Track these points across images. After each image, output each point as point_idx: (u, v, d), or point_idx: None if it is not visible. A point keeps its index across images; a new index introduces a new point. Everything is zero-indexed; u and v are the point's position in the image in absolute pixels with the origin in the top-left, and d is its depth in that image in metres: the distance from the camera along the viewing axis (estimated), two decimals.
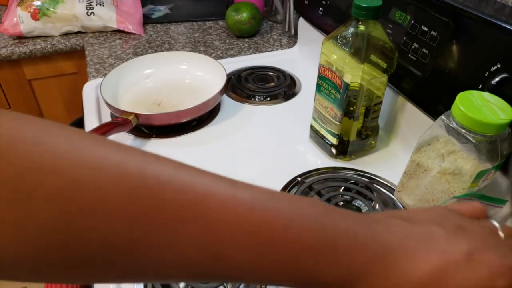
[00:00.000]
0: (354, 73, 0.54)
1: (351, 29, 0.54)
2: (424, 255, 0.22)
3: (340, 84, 0.56)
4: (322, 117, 0.63)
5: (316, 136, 0.66)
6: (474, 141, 0.43)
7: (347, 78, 0.55)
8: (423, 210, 0.27)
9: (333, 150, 0.64)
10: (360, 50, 0.53)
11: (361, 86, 0.56)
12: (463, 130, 0.44)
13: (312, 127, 0.67)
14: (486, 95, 0.44)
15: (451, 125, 0.45)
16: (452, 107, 0.44)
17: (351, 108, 0.58)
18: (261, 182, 0.55)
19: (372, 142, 0.65)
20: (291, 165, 0.63)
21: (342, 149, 0.63)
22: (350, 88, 0.56)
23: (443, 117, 0.46)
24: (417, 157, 0.50)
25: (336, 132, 0.61)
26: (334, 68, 0.56)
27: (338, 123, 0.60)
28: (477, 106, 0.43)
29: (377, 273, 0.21)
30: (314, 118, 0.66)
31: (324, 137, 0.64)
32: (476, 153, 0.43)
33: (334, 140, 0.62)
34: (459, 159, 0.45)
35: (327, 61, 0.58)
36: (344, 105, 0.58)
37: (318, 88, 0.61)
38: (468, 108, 0.42)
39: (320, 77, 0.60)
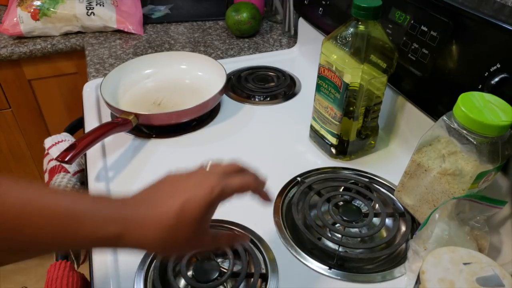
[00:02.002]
0: (353, 73, 0.54)
1: (351, 29, 0.54)
2: (169, 202, 0.33)
3: (340, 84, 0.56)
4: (322, 117, 0.63)
5: (316, 136, 0.66)
6: (475, 142, 0.43)
7: (347, 78, 0.55)
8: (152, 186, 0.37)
9: (333, 150, 0.64)
10: (360, 50, 0.53)
11: (361, 86, 0.56)
12: (464, 131, 0.43)
13: (312, 127, 0.67)
14: (488, 96, 0.44)
15: (452, 126, 0.45)
16: (454, 108, 0.44)
17: (351, 108, 0.58)
18: None
19: (372, 142, 0.65)
20: (291, 165, 0.63)
21: (342, 149, 0.63)
22: (350, 88, 0.56)
23: (444, 117, 0.46)
24: (418, 157, 0.50)
25: (336, 132, 0.61)
26: (334, 68, 0.56)
27: (338, 123, 0.60)
28: (479, 107, 0.43)
29: (132, 229, 0.32)
30: (314, 118, 0.66)
31: (324, 137, 0.64)
32: (477, 154, 0.43)
33: (334, 140, 0.62)
34: (459, 160, 0.45)
35: (327, 61, 0.58)
36: (344, 105, 0.58)
37: (318, 88, 0.61)
38: (469, 109, 0.42)
39: (320, 77, 0.60)
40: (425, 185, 0.50)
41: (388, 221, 0.55)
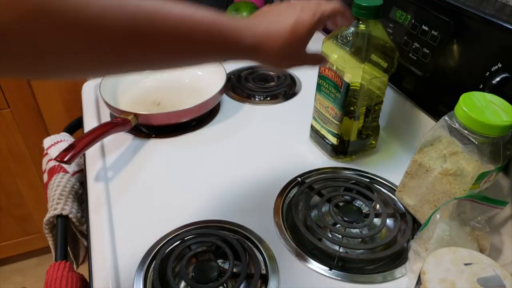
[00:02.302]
0: (354, 72, 0.54)
1: (352, 29, 0.54)
2: (283, 21, 0.41)
3: (340, 84, 0.56)
4: (323, 117, 0.63)
5: (317, 136, 0.66)
6: (476, 143, 0.43)
7: (347, 78, 0.55)
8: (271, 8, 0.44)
9: (334, 150, 0.63)
10: (361, 50, 0.53)
11: (362, 86, 0.56)
12: (466, 131, 0.43)
13: (312, 127, 0.67)
14: (489, 96, 0.44)
15: (453, 126, 0.45)
16: (455, 108, 0.44)
17: (352, 108, 0.58)
18: (261, 181, 0.54)
19: (373, 142, 0.65)
20: (291, 165, 0.63)
21: (343, 149, 0.63)
22: (351, 87, 0.56)
23: (446, 117, 0.46)
24: (419, 157, 0.50)
25: (336, 132, 0.61)
26: (334, 68, 0.56)
27: (338, 123, 0.60)
28: (480, 107, 0.42)
29: (263, 42, 0.40)
30: (314, 118, 0.65)
31: (325, 137, 0.64)
32: (478, 154, 0.43)
33: (334, 140, 0.62)
34: (461, 160, 0.45)
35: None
36: (344, 105, 0.57)
37: (319, 87, 0.61)
38: (471, 109, 0.42)
39: (321, 76, 0.60)
40: (426, 185, 0.49)
41: (389, 221, 0.54)
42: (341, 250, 0.49)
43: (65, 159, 0.55)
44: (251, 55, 0.41)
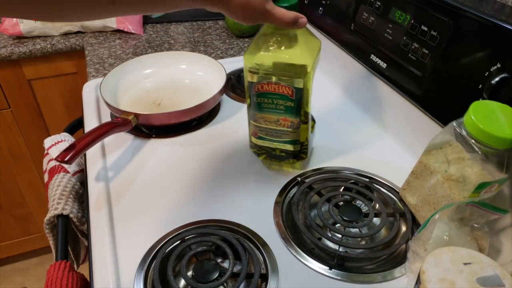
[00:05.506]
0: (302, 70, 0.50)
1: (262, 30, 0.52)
2: None
3: (291, 93, 0.52)
4: (273, 132, 0.57)
5: (270, 154, 0.61)
6: (480, 152, 0.42)
7: (300, 83, 0.51)
8: None
9: (295, 158, 0.60)
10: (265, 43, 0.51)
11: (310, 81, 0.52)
12: (472, 140, 0.43)
13: (260, 148, 0.60)
14: (501, 106, 0.43)
15: (460, 133, 0.44)
16: (465, 116, 0.43)
17: (305, 110, 0.55)
18: (260, 181, 0.54)
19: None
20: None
21: (303, 151, 0.60)
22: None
23: (454, 123, 0.45)
24: (425, 158, 0.50)
25: (296, 139, 0.57)
26: (274, 80, 0.52)
27: (296, 130, 0.56)
28: (489, 117, 0.42)
29: None
30: (260, 138, 0.59)
31: (283, 150, 0.59)
32: (482, 164, 0.43)
33: (294, 147, 0.58)
34: (466, 167, 0.44)
35: (261, 76, 0.53)
36: (299, 110, 0.54)
37: (258, 106, 0.55)
38: (479, 119, 0.41)
39: (258, 94, 0.54)
40: (428, 187, 0.50)
41: (389, 221, 0.54)
42: (340, 249, 0.49)
43: (66, 159, 0.55)
44: (219, 3, 0.48)
